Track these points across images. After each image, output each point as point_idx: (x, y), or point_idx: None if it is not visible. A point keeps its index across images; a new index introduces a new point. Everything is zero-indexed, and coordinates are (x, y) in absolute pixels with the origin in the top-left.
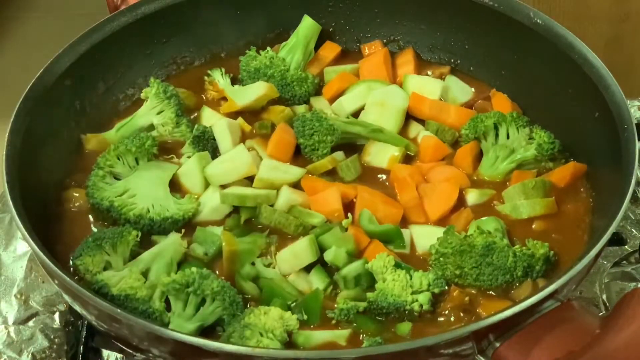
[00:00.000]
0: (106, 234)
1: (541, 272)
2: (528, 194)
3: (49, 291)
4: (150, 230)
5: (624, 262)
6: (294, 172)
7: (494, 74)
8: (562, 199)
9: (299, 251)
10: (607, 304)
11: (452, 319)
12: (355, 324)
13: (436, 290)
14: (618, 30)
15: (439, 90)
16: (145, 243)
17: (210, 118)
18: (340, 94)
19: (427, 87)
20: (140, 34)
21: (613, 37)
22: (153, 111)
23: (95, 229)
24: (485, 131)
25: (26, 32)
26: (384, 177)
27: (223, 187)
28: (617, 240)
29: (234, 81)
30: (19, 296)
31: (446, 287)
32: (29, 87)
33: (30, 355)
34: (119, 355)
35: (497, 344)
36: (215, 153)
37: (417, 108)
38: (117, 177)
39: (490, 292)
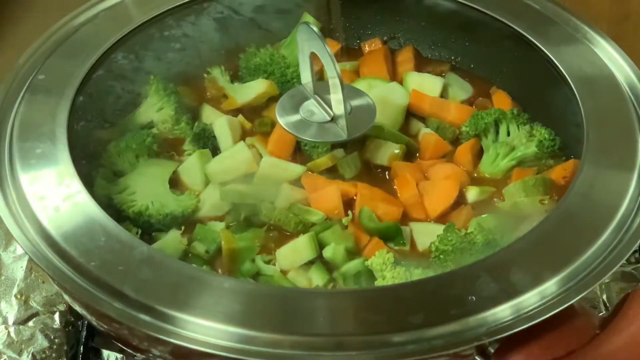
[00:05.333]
0: None
1: None
2: (528, 191)
3: (49, 291)
4: (150, 227)
5: (624, 262)
6: (294, 169)
7: (495, 71)
8: None
9: (299, 248)
10: (607, 304)
11: None
12: None
13: None
14: (618, 30)
15: (439, 87)
16: (146, 240)
17: (210, 115)
18: None
19: (427, 84)
20: (140, 31)
21: (613, 37)
22: (153, 108)
23: None
24: (486, 128)
25: (26, 32)
26: (384, 174)
27: (223, 184)
28: None
29: (234, 78)
30: (19, 296)
31: None
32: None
33: (30, 356)
34: (119, 355)
35: (497, 344)
36: (215, 150)
37: (418, 105)
38: (117, 174)
39: None
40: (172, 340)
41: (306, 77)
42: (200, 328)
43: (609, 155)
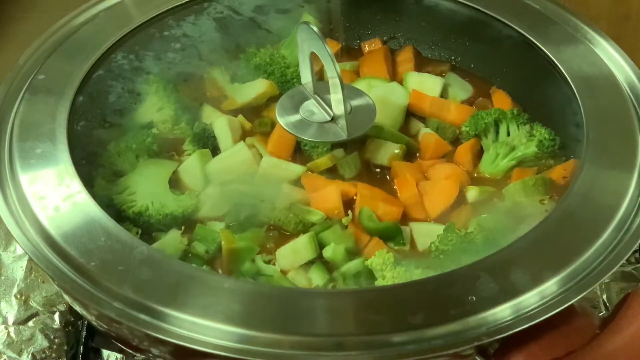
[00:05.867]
0: None
1: None
2: (528, 191)
3: (49, 291)
4: (150, 227)
5: (624, 262)
6: (294, 169)
7: (495, 71)
8: None
9: (299, 248)
10: (607, 304)
11: None
12: None
13: None
14: (618, 30)
15: (439, 87)
16: (146, 240)
17: (210, 115)
18: None
19: (427, 84)
20: (140, 31)
21: (613, 37)
22: (153, 108)
23: None
24: (486, 128)
25: (26, 32)
26: (384, 174)
27: (223, 184)
28: None
29: (234, 78)
30: (19, 296)
31: None
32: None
33: (30, 356)
34: (119, 355)
35: (497, 345)
36: (215, 150)
37: (418, 105)
38: (117, 174)
39: None
40: (172, 340)
41: (306, 77)
42: (200, 328)
43: (609, 155)
